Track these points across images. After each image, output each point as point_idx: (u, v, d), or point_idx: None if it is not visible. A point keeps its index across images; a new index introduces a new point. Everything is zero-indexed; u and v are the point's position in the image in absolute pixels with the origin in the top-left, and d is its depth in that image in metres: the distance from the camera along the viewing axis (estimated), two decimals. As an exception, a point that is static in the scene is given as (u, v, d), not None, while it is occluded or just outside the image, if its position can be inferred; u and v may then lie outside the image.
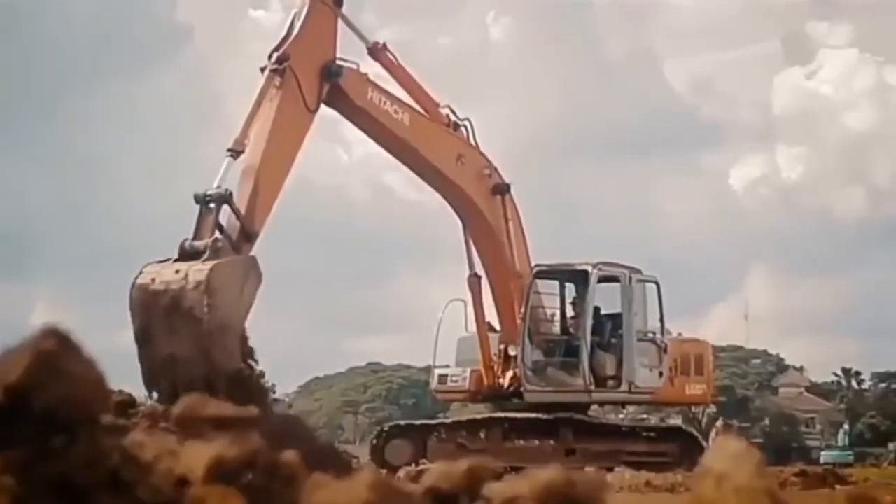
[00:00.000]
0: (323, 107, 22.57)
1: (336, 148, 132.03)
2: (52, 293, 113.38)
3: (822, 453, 64.42)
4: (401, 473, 14.60)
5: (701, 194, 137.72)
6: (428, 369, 28.47)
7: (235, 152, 20.22)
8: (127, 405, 12.37)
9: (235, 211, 19.62)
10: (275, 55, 21.24)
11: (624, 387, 25.50)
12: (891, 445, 68.95)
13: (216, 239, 19.04)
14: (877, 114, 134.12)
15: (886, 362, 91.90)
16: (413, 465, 21.04)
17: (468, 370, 26.39)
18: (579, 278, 25.92)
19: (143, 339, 17.94)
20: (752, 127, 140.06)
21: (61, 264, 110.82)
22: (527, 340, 25.44)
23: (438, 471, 2.43)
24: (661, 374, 25.96)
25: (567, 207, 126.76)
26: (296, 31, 21.58)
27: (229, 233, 19.43)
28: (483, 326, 26.05)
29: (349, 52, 23.43)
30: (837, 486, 15.97)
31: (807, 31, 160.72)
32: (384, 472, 11.79)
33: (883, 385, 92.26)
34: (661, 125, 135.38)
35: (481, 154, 25.44)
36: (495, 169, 25.61)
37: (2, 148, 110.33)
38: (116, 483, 2.22)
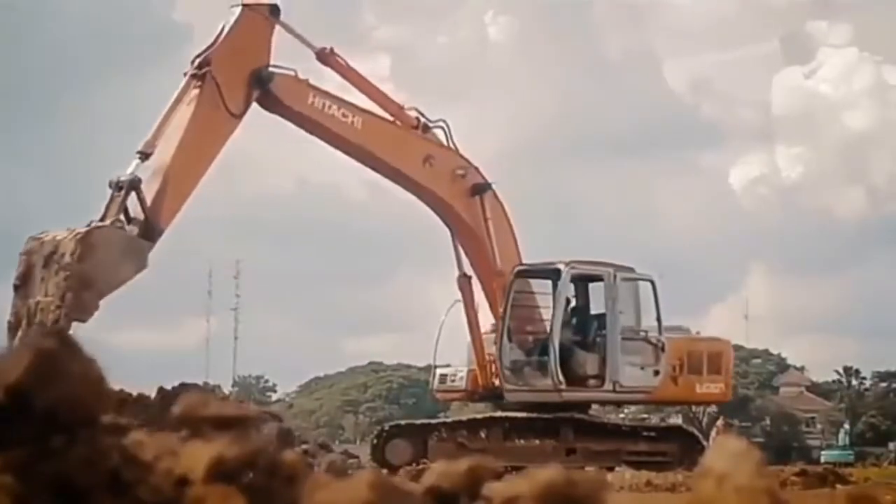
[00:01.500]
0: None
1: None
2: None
3: (823, 453, 64.51)
4: (401, 473, 14.59)
5: (701, 194, 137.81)
6: (428, 369, 28.48)
7: (144, 154, 20.54)
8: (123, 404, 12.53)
9: (142, 200, 19.97)
10: (197, 60, 21.50)
11: (608, 386, 25.37)
12: (891, 445, 69.05)
13: (115, 220, 19.60)
14: (876, 113, 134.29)
15: (886, 362, 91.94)
16: (413, 464, 21.05)
17: (465, 370, 26.42)
18: (555, 277, 25.83)
19: (20, 285, 18.96)
20: (752, 127, 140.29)
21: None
22: (505, 340, 25.41)
23: (439, 470, 2.43)
24: (656, 372, 25.81)
25: (566, 207, 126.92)
26: (222, 38, 21.81)
27: (134, 221, 19.84)
28: (477, 327, 26.03)
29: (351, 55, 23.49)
30: (838, 486, 15.97)
31: (806, 30, 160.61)
32: (385, 471, 11.80)
33: (883, 384, 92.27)
34: (660, 125, 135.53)
35: (458, 155, 25.21)
36: (476, 169, 25.42)
37: (2, 148, 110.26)
38: (116, 483, 2.22)
